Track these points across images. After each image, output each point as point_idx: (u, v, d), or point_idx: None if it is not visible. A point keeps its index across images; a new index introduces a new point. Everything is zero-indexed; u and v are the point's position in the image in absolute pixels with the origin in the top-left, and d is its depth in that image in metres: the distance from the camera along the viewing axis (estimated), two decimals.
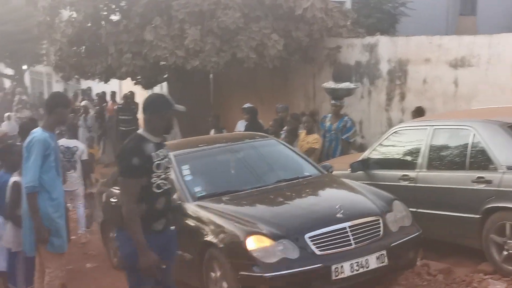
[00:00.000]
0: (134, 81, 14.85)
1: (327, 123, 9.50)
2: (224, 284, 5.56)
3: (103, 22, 13.38)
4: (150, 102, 4.68)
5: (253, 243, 5.33)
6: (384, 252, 5.53)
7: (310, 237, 5.38)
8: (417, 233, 5.93)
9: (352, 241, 5.46)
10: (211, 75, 15.31)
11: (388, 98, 11.35)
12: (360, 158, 7.85)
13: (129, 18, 12.65)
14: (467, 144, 6.73)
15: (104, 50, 13.03)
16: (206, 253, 5.70)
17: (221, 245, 5.50)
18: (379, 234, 5.64)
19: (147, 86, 15.20)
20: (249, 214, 5.78)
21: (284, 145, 7.47)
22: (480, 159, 6.59)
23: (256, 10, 12.11)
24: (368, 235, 5.57)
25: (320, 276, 5.28)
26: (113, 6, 13.54)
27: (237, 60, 12.18)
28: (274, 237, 5.34)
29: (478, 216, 6.44)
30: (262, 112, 11.93)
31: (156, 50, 11.98)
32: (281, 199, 6.31)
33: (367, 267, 5.41)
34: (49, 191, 5.50)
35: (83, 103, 17.06)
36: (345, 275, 5.31)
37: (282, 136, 9.73)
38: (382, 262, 5.51)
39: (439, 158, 7.05)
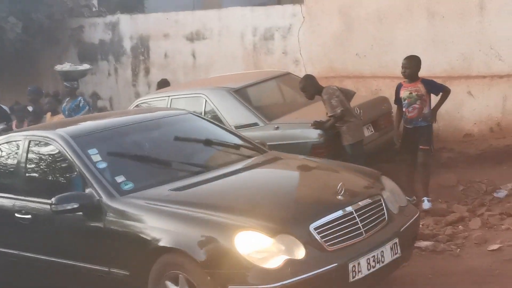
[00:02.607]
0: None
1: (64, 104, 9.69)
2: None
3: None
4: None
5: (244, 243, 3.86)
6: (397, 240, 4.32)
7: (316, 228, 4.03)
8: (417, 214, 4.82)
9: (362, 230, 4.20)
10: None
11: (134, 73, 11.86)
12: None
13: None
14: (201, 109, 7.48)
15: None
16: (154, 265, 4.19)
17: (192, 252, 3.98)
18: (385, 218, 4.43)
19: None
20: (222, 206, 4.24)
21: (206, 119, 6.07)
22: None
23: None
24: (375, 220, 4.35)
25: (335, 279, 3.98)
26: None
27: None
28: (270, 233, 3.91)
29: None
30: (18, 95, 11.68)
31: None
32: (251, 185, 4.79)
33: (383, 262, 4.20)
34: None
35: None
36: (363, 275, 4.06)
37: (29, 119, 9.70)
38: (396, 253, 4.31)
39: None
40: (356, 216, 4.21)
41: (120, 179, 4.65)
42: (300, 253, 3.91)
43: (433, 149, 6.65)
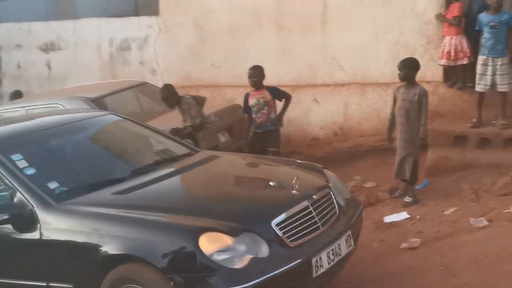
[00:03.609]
0: None
1: None
2: None
3: None
4: None
5: (208, 244, 3.65)
6: (350, 232, 4.31)
7: (277, 224, 3.90)
8: (362, 205, 4.85)
9: (319, 223, 4.13)
10: None
11: None
12: None
13: None
14: None
15: None
16: (106, 279, 3.83)
17: (151, 257, 3.67)
18: (336, 210, 4.38)
19: None
20: (177, 208, 4.04)
21: (129, 119, 5.60)
22: None
23: None
24: (328, 213, 4.28)
25: (300, 275, 3.87)
26: None
27: None
28: (232, 232, 3.73)
29: None
30: None
31: None
32: (200, 184, 4.62)
33: (340, 255, 4.15)
34: None
35: None
36: (324, 269, 3.98)
37: None
38: (350, 246, 4.30)
39: None
40: (312, 210, 4.11)
41: (53, 185, 4.25)
42: (264, 251, 3.76)
43: (280, 151, 7.16)
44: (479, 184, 6.59)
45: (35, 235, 4.04)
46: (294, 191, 4.15)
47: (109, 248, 3.78)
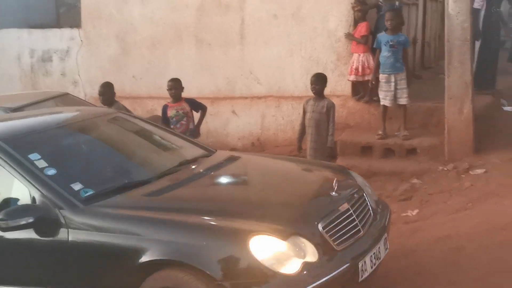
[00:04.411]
0: None
1: None
2: None
3: None
4: None
5: (260, 248, 3.42)
6: (386, 235, 4.16)
7: (323, 227, 3.69)
8: (389, 208, 4.61)
9: (360, 226, 3.93)
10: None
11: None
12: None
13: None
14: None
15: None
16: (146, 282, 3.55)
17: (198, 262, 3.41)
18: (371, 213, 4.18)
19: None
20: (220, 210, 3.76)
21: (138, 117, 5.39)
22: None
23: None
24: (365, 215, 4.09)
25: (347, 280, 3.69)
26: None
27: None
28: (282, 235, 3.51)
29: None
30: None
31: None
32: (235, 185, 4.47)
33: (380, 258, 3.99)
34: None
35: None
36: (368, 273, 3.81)
37: None
38: (387, 249, 4.14)
39: None
40: (352, 212, 3.93)
41: (76, 186, 3.92)
42: (313, 255, 3.55)
43: None
44: (382, 190, 7.13)
45: (61, 239, 3.74)
46: (334, 193, 3.98)
47: (149, 253, 3.50)
